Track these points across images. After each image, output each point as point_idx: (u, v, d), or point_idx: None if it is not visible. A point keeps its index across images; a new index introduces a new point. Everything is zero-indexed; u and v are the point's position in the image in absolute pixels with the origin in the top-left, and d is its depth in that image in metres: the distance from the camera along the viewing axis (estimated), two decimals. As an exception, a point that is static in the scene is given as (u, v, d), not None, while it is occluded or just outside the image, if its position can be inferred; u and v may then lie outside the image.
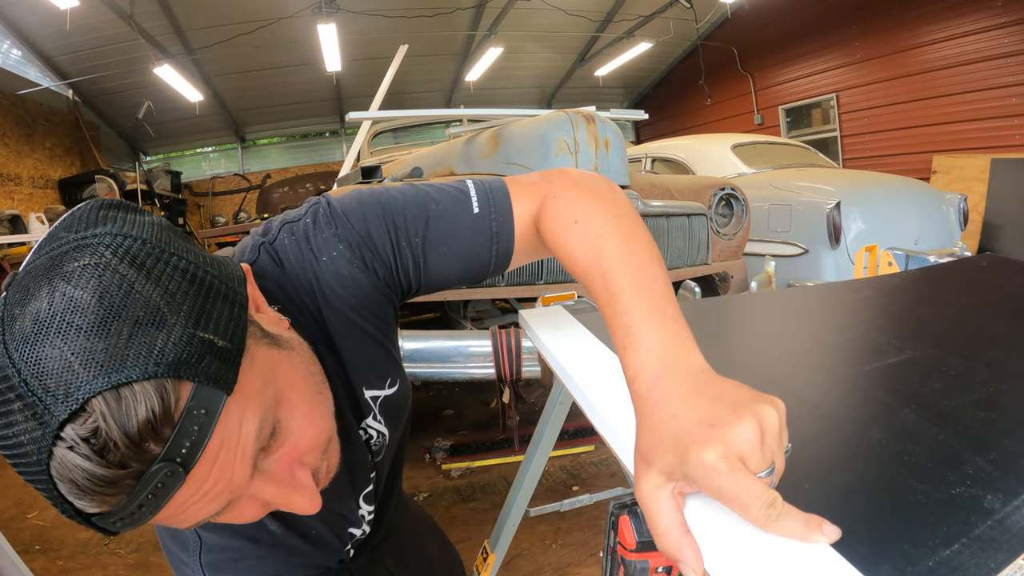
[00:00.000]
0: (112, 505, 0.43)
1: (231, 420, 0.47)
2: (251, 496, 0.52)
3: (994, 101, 6.45)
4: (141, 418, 0.42)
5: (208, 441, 0.45)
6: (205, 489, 0.47)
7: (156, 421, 0.42)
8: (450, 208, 0.74)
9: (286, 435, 0.54)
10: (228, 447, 0.47)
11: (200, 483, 0.46)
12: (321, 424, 0.58)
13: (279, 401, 0.53)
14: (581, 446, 3.18)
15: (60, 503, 0.44)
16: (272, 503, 0.54)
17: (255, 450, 0.50)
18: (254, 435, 0.49)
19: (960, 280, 1.40)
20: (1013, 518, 0.49)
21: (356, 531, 0.81)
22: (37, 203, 6.92)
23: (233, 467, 0.48)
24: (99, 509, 0.43)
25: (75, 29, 6.76)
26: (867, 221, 4.06)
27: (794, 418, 0.75)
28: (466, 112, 4.47)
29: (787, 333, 1.15)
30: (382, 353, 0.81)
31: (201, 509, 0.48)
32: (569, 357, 0.97)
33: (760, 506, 0.42)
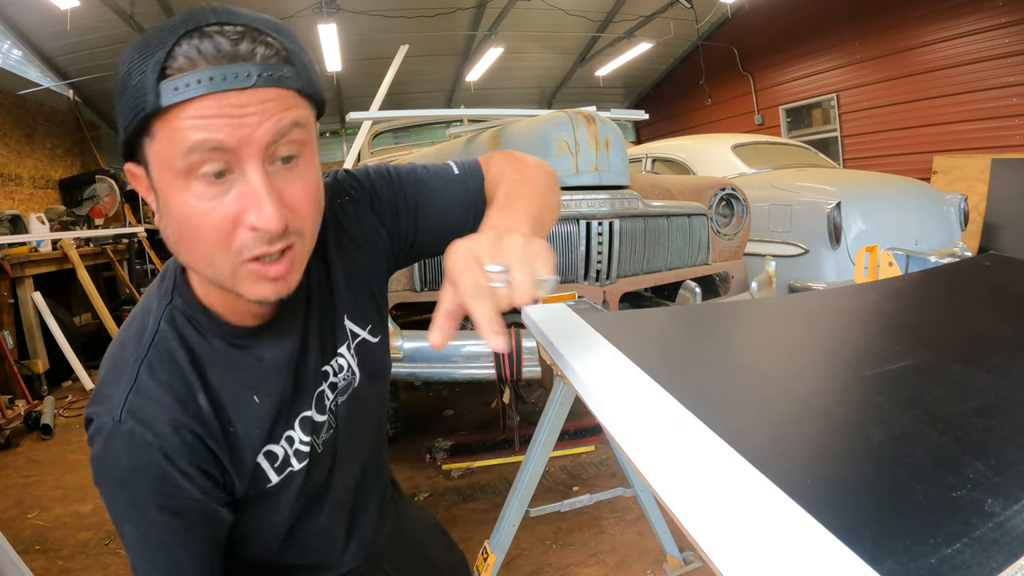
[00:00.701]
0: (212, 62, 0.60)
1: (271, 104, 0.63)
2: (257, 179, 0.64)
3: (995, 101, 6.45)
4: (252, 42, 0.62)
5: (260, 90, 0.62)
6: (252, 106, 0.62)
7: (261, 53, 0.62)
8: (438, 170, 0.98)
9: (295, 171, 0.68)
10: (261, 112, 0.62)
11: (248, 101, 0.61)
12: (310, 193, 0.71)
13: (303, 153, 0.69)
14: (581, 446, 3.18)
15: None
16: (257, 196, 0.64)
17: (267, 145, 0.64)
18: (285, 127, 0.64)
19: (964, 281, 1.40)
20: (1014, 521, 0.49)
21: (277, 450, 0.82)
22: (38, 203, 6.92)
23: (255, 124, 0.62)
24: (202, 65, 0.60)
25: (75, 29, 6.76)
26: (868, 221, 4.06)
27: (797, 419, 0.75)
28: (466, 112, 4.48)
29: (789, 337, 1.15)
30: (368, 297, 0.95)
31: (246, 113, 0.61)
32: (572, 351, 0.97)
33: (468, 283, 0.61)
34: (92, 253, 6.04)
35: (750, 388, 0.83)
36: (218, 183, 0.63)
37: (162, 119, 0.61)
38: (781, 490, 0.52)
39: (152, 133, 0.63)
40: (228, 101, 0.60)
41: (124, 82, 0.62)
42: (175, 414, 0.72)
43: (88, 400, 0.76)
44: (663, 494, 0.57)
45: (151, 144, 0.64)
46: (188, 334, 0.76)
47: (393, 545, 1.24)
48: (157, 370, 0.73)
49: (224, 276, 0.69)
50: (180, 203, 0.64)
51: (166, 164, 0.63)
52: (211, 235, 0.65)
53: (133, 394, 0.72)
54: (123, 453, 0.70)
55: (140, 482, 0.72)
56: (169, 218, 0.67)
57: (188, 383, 0.74)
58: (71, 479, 3.16)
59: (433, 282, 2.54)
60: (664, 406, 0.74)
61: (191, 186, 0.63)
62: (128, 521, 0.75)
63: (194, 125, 0.60)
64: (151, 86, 0.59)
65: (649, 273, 2.88)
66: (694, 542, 0.50)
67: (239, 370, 0.78)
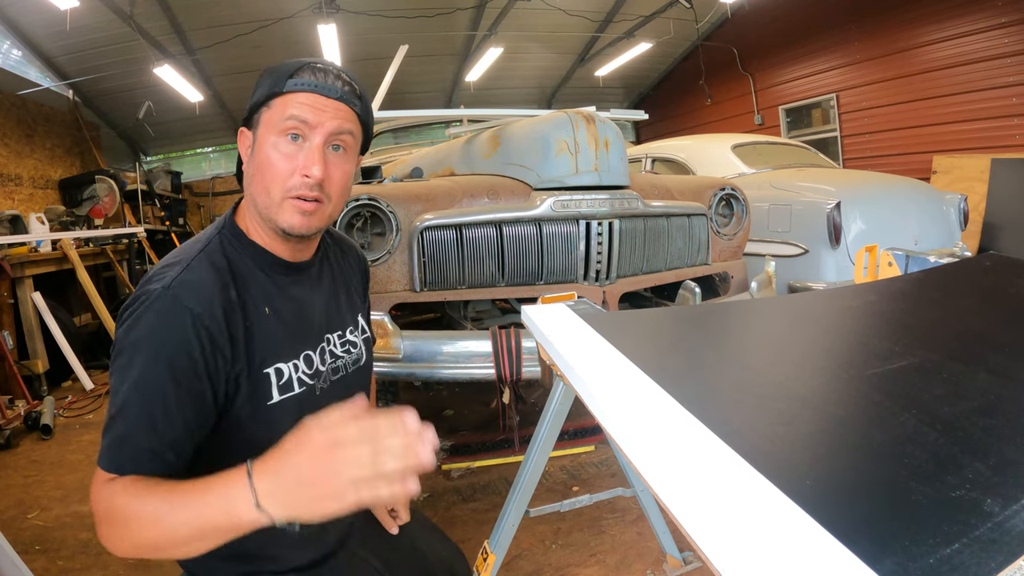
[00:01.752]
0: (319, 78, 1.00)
1: (340, 112, 1.02)
2: (318, 147, 1.00)
3: (994, 101, 6.45)
4: (341, 78, 1.03)
5: (336, 102, 1.01)
6: (330, 108, 1.00)
7: (345, 86, 1.03)
8: None
9: (339, 159, 1.04)
10: (333, 114, 1.00)
11: (329, 104, 1.00)
12: (343, 176, 1.05)
13: (347, 151, 1.05)
14: (581, 446, 3.18)
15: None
16: (314, 156, 0.99)
17: (331, 133, 1.00)
18: (343, 128, 1.02)
19: (964, 282, 1.40)
20: (1013, 521, 0.49)
21: (284, 369, 1.05)
22: (37, 203, 6.92)
23: (328, 118, 1.00)
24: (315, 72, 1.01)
25: (75, 29, 6.76)
26: (867, 221, 4.05)
27: (796, 419, 0.75)
28: (466, 112, 4.47)
29: (788, 337, 1.15)
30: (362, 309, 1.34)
31: (325, 110, 1.00)
32: (572, 352, 0.97)
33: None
34: (92, 253, 6.04)
35: (749, 388, 0.83)
36: (294, 144, 0.99)
37: (280, 97, 1.00)
38: (780, 490, 0.52)
39: (271, 105, 1.00)
40: (318, 101, 1.00)
41: (266, 77, 1.02)
42: (212, 293, 0.95)
43: (139, 285, 0.97)
44: (662, 494, 0.57)
45: (267, 111, 1.01)
46: (230, 251, 1.04)
47: (378, 539, 1.26)
48: (205, 264, 0.99)
49: (273, 203, 1.00)
50: (269, 148, 0.99)
51: (271, 124, 1.00)
52: (279, 171, 0.99)
53: (185, 272, 0.95)
54: (162, 313, 0.91)
55: (165, 338, 0.90)
56: (256, 160, 1.02)
57: (224, 279, 0.99)
58: (71, 479, 3.16)
59: (433, 283, 2.54)
60: (663, 406, 0.74)
61: (279, 141, 0.99)
62: (135, 371, 0.88)
63: (297, 104, 0.99)
64: (282, 78, 0.99)
65: (649, 273, 2.88)
66: (693, 542, 0.50)
67: (260, 286, 1.05)
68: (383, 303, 2.48)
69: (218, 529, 0.77)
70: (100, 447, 0.88)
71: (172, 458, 0.90)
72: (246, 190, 1.06)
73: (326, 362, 1.13)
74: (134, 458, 0.87)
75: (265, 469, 0.75)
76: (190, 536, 0.78)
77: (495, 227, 2.57)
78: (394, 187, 2.59)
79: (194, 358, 0.91)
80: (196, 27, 7.93)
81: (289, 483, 0.73)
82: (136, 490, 0.83)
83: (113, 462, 0.86)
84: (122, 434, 0.87)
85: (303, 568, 1.14)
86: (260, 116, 1.02)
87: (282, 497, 0.73)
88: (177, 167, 11.08)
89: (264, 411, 1.02)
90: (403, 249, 2.49)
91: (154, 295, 0.91)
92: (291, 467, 0.73)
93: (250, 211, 1.06)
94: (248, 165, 1.05)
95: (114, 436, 0.87)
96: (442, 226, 2.51)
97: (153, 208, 9.29)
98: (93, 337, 5.73)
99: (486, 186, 2.63)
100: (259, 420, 1.01)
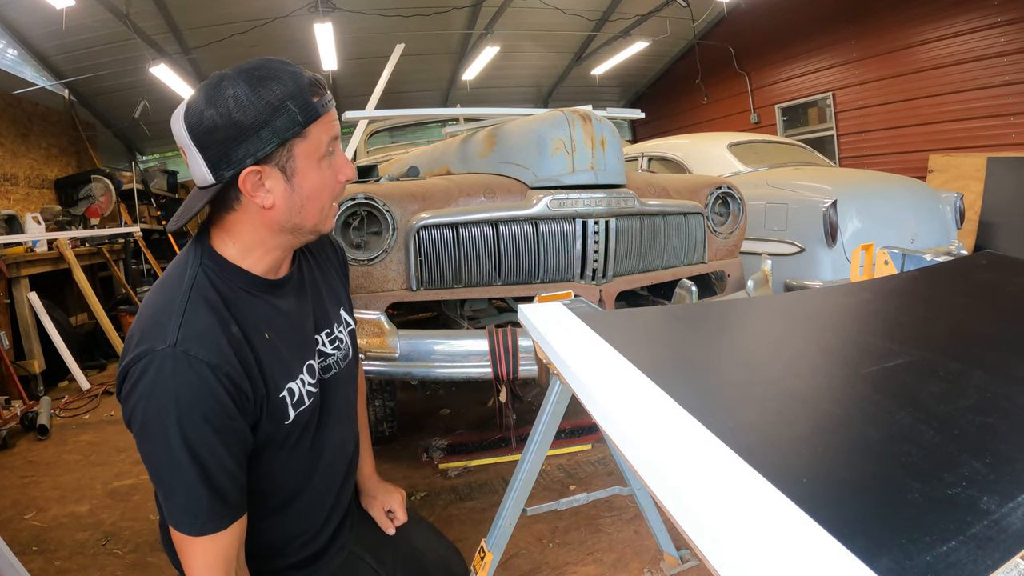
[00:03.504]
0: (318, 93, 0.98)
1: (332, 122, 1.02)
2: (339, 155, 1.04)
3: (990, 100, 6.47)
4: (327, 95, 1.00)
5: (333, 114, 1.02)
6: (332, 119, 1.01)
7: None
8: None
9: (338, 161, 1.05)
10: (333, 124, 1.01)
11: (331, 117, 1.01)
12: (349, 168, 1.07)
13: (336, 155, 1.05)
14: (578, 445, 3.18)
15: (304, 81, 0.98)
16: (348, 162, 1.06)
17: (331, 138, 1.01)
18: (333, 136, 1.02)
19: (960, 280, 1.41)
20: (1009, 519, 0.49)
21: (294, 387, 1.07)
22: (33, 203, 6.89)
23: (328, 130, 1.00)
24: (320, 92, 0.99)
25: (71, 28, 6.74)
26: (863, 220, 4.06)
27: (793, 417, 0.75)
28: (463, 111, 4.46)
29: (785, 336, 1.15)
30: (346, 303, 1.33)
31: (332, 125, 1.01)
32: (569, 350, 0.97)
33: None
34: (88, 253, 6.03)
35: (746, 387, 0.83)
36: (328, 159, 1.02)
37: (315, 124, 0.97)
38: (777, 488, 0.52)
39: (306, 135, 0.97)
40: (335, 112, 1.02)
41: (275, 108, 0.93)
42: (219, 338, 0.94)
43: (126, 355, 0.92)
44: (659, 493, 0.57)
45: (302, 143, 0.97)
46: (217, 283, 0.99)
47: (375, 538, 1.27)
48: (200, 307, 0.95)
49: (325, 216, 1.05)
50: (318, 177, 1.00)
51: (312, 153, 0.98)
52: (332, 190, 1.04)
53: (184, 324, 0.92)
54: (179, 373, 0.88)
55: (192, 398, 0.88)
56: (304, 190, 1.00)
57: (223, 316, 0.97)
58: (68, 480, 3.15)
59: (429, 281, 2.54)
60: (660, 405, 0.74)
61: (321, 164, 1.00)
62: (171, 438, 0.88)
63: (328, 124, 1.00)
64: (309, 104, 0.96)
65: (645, 272, 2.88)
66: (690, 540, 0.50)
67: (254, 311, 1.03)
68: (379, 302, 2.48)
69: None
70: (169, 511, 0.92)
71: (238, 499, 0.96)
72: (286, 220, 1.01)
73: (323, 364, 1.17)
74: (212, 517, 0.91)
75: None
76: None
77: (491, 226, 2.56)
78: (390, 186, 2.59)
79: (225, 405, 0.92)
80: (192, 26, 7.91)
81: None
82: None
83: (194, 527, 0.91)
84: (188, 499, 0.90)
85: (300, 566, 1.14)
86: (293, 148, 0.97)
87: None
88: (173, 167, 11.02)
89: (282, 431, 1.05)
90: (399, 248, 2.48)
91: (162, 355, 0.89)
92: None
93: (260, 236, 1.03)
94: (289, 199, 0.99)
95: (180, 502, 0.90)
96: (438, 225, 2.50)
97: (149, 208, 9.27)
98: (89, 337, 5.71)
99: (482, 185, 2.63)
100: (277, 441, 1.05)
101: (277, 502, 1.10)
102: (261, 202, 0.98)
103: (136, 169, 9.64)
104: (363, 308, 2.44)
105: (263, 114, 0.92)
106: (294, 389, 1.06)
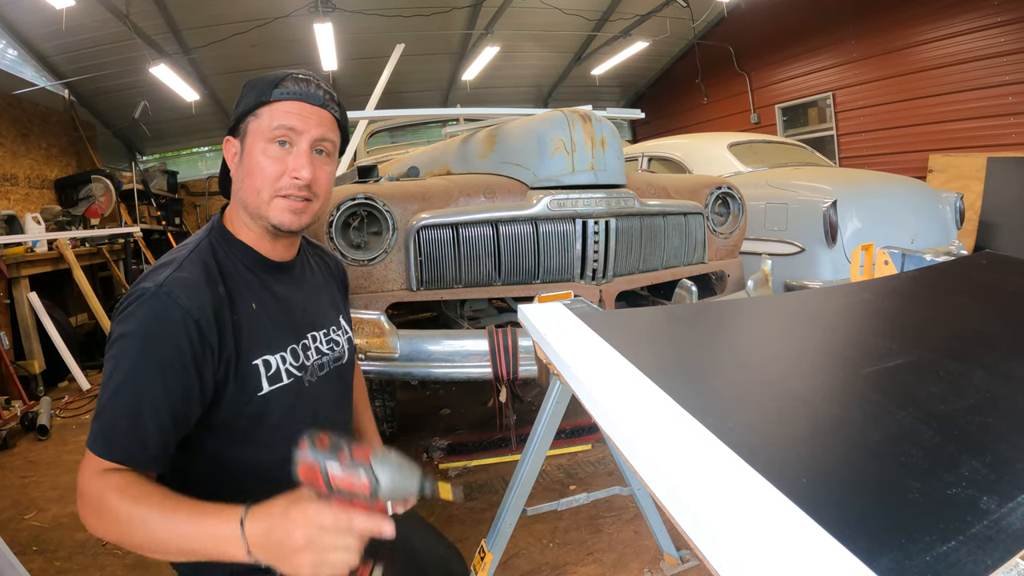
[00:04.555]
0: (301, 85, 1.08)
1: (324, 119, 1.10)
2: (305, 151, 1.08)
3: (990, 100, 6.46)
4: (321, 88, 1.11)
5: (319, 108, 1.10)
6: (314, 116, 1.09)
7: (325, 94, 1.11)
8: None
9: (322, 161, 1.12)
10: (317, 121, 1.09)
11: (313, 112, 1.09)
12: (327, 177, 1.14)
13: (329, 155, 1.14)
14: (578, 445, 3.19)
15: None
16: (303, 160, 1.08)
17: (315, 139, 1.09)
18: (325, 135, 1.10)
19: (960, 280, 1.41)
20: (1009, 519, 0.49)
21: (272, 360, 1.11)
22: (33, 203, 6.89)
23: (313, 126, 1.08)
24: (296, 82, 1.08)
25: (71, 28, 6.73)
26: (863, 220, 4.06)
27: (793, 417, 0.75)
28: (463, 111, 4.47)
29: (785, 336, 1.15)
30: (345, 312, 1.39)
31: (310, 118, 1.08)
32: (568, 350, 0.97)
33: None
34: (88, 253, 6.03)
35: (746, 386, 0.83)
36: (282, 149, 1.07)
37: (267, 106, 1.07)
38: (777, 488, 0.52)
39: (258, 114, 1.08)
40: (303, 108, 1.08)
41: (249, 89, 1.10)
42: (202, 290, 1.02)
43: (131, 288, 1.02)
44: (659, 493, 0.57)
45: (255, 120, 1.08)
46: (219, 251, 1.11)
47: (373, 538, 1.26)
48: (196, 263, 1.06)
49: (263, 202, 1.08)
50: (259, 154, 1.07)
51: (259, 132, 1.07)
52: (269, 174, 1.07)
53: (176, 272, 1.02)
54: (154, 309, 0.97)
55: (155, 333, 0.96)
56: (246, 165, 1.09)
57: (214, 277, 1.06)
58: (68, 480, 3.15)
59: (429, 282, 2.54)
60: (660, 405, 0.74)
61: (268, 147, 1.07)
62: (126, 362, 0.94)
63: (284, 112, 1.07)
64: (267, 89, 1.07)
65: (645, 272, 2.88)
66: (689, 540, 0.50)
67: (247, 283, 1.11)
68: (379, 302, 2.48)
69: (206, 554, 0.85)
70: (90, 431, 0.94)
71: (158, 451, 0.96)
72: (235, 193, 1.13)
73: (311, 358, 1.20)
74: (123, 446, 0.93)
75: (256, 524, 0.83)
76: (177, 551, 0.87)
77: (491, 226, 2.56)
78: (391, 186, 2.59)
79: (182, 350, 0.97)
80: (192, 26, 7.91)
81: (275, 543, 0.82)
82: (133, 494, 0.89)
83: (103, 447, 0.92)
84: (112, 420, 0.94)
85: None
86: (247, 125, 1.09)
87: (267, 552, 0.83)
88: (173, 166, 11.05)
89: (257, 402, 1.08)
90: (399, 248, 2.48)
91: (148, 292, 0.98)
92: (280, 531, 0.82)
93: (239, 212, 1.14)
94: (237, 170, 1.12)
95: (104, 422, 0.94)
96: (438, 225, 2.50)
97: (149, 208, 9.27)
98: (89, 337, 5.71)
99: (482, 185, 2.63)
100: (252, 412, 1.08)
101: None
102: (232, 171, 1.14)
103: (136, 169, 9.65)
104: (363, 308, 2.44)
105: (244, 95, 1.10)
106: (271, 362, 1.10)
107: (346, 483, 0.80)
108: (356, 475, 0.80)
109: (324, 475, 0.80)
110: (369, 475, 0.80)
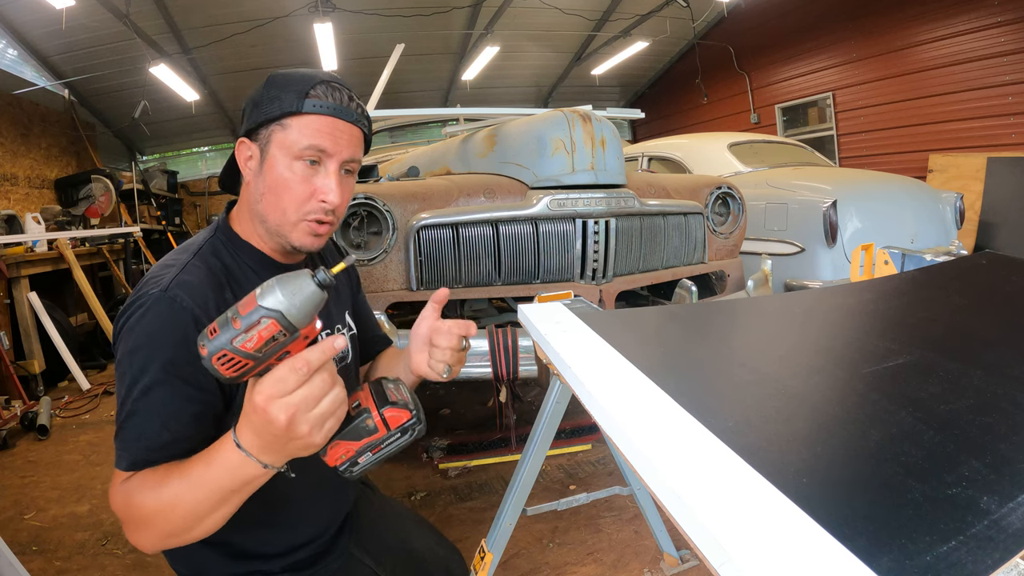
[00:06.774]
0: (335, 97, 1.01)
1: (355, 138, 1.04)
2: (334, 172, 1.02)
3: (990, 100, 6.46)
4: (353, 99, 1.04)
5: (351, 126, 1.03)
6: (346, 134, 1.02)
7: (357, 107, 1.05)
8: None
9: (347, 181, 1.06)
10: (348, 141, 1.03)
11: (346, 130, 1.02)
12: (348, 197, 1.08)
13: (353, 173, 1.09)
14: (578, 445, 3.19)
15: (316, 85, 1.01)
16: (333, 183, 1.02)
17: (345, 160, 1.03)
18: (355, 155, 1.05)
19: (960, 280, 1.41)
20: (1009, 519, 0.49)
21: None
22: (33, 203, 6.89)
23: (344, 146, 1.02)
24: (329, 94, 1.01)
25: (71, 28, 6.73)
26: (863, 220, 4.06)
27: (793, 417, 0.75)
28: (462, 111, 4.46)
29: (785, 336, 1.15)
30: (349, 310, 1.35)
31: (342, 137, 1.02)
32: (568, 350, 0.97)
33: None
34: (88, 253, 6.03)
35: (746, 386, 0.83)
36: (310, 168, 1.01)
37: (297, 118, 0.99)
38: (777, 488, 0.52)
39: (285, 125, 1.00)
40: (336, 126, 1.01)
41: (276, 89, 1.00)
42: (209, 293, 0.98)
43: (134, 291, 0.98)
44: (659, 493, 0.57)
45: (280, 131, 1.00)
46: (224, 253, 1.08)
47: (371, 538, 1.27)
48: (200, 266, 1.02)
49: (287, 222, 1.04)
50: (284, 169, 1.01)
51: (286, 146, 1.00)
52: (297, 195, 1.02)
53: (181, 274, 0.98)
54: (162, 313, 0.93)
55: (166, 338, 0.92)
56: (269, 179, 1.02)
57: (220, 280, 1.02)
58: (68, 480, 3.16)
59: (429, 281, 2.54)
60: (660, 405, 0.74)
61: (294, 164, 1.00)
62: (142, 375, 0.91)
63: (315, 131, 0.99)
64: (298, 97, 0.99)
65: (645, 272, 2.88)
66: (689, 540, 0.50)
67: (253, 286, 1.00)
68: (379, 302, 2.48)
69: (233, 491, 0.83)
70: (116, 451, 0.91)
71: (184, 447, 0.91)
72: (253, 204, 1.07)
73: None
74: (147, 457, 0.90)
75: (246, 436, 0.79)
76: (212, 506, 0.83)
77: (491, 226, 2.56)
78: (390, 186, 2.59)
79: (195, 353, 0.91)
80: (192, 26, 7.91)
81: (270, 439, 0.77)
82: (150, 483, 0.87)
83: (127, 460, 0.90)
84: (135, 435, 0.90)
85: (297, 568, 1.14)
86: (272, 133, 1.01)
87: (272, 451, 0.79)
88: (173, 166, 11.04)
89: None
90: (399, 248, 2.48)
91: (152, 298, 0.94)
92: (263, 426, 0.76)
93: (252, 221, 1.09)
94: (255, 179, 1.05)
95: (126, 437, 0.91)
96: (438, 225, 2.50)
97: (149, 208, 9.27)
98: (89, 337, 5.71)
99: (482, 185, 2.63)
100: None
101: (274, 504, 1.09)
102: (245, 175, 1.07)
103: (136, 169, 9.65)
104: (363, 308, 2.44)
105: (267, 95, 1.01)
106: None
107: (258, 339, 0.72)
108: (258, 325, 0.71)
109: (237, 352, 0.72)
110: (268, 315, 0.72)
